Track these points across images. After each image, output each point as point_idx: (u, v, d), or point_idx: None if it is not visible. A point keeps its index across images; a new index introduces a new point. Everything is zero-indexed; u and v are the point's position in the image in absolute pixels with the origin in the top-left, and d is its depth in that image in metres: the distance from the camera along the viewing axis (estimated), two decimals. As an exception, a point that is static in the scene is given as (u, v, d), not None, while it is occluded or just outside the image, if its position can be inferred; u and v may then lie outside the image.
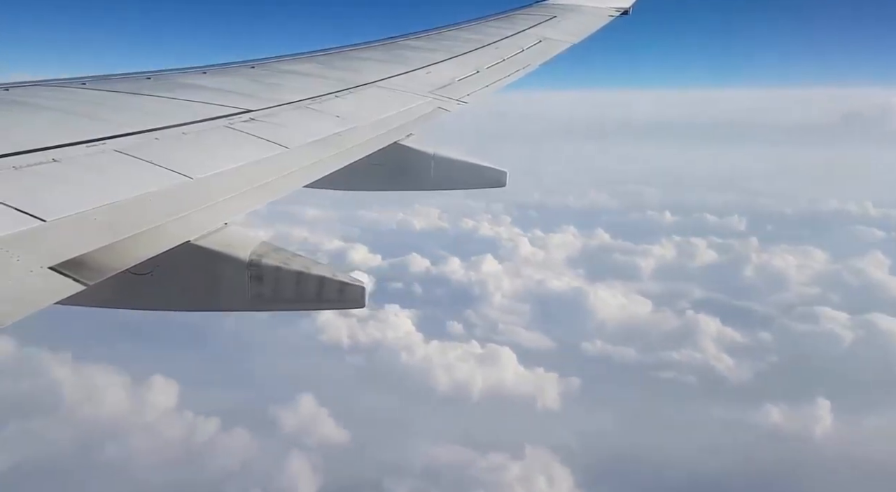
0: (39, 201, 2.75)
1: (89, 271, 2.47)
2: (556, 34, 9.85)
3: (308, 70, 6.68)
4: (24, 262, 2.36)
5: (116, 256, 2.65)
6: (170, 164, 3.56)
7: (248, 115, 4.78)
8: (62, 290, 2.33)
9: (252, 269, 3.30)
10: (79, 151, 3.42)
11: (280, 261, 3.37)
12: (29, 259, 2.38)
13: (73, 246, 2.54)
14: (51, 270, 2.38)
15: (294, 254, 3.48)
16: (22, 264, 2.35)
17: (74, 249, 2.52)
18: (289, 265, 3.37)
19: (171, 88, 5.21)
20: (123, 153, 3.57)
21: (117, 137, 3.76)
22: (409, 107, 6.10)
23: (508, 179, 6.08)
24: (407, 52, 8.14)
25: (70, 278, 2.39)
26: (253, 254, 3.33)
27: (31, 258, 2.39)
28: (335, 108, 5.53)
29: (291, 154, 4.31)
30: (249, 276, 3.32)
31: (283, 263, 3.37)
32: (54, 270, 2.38)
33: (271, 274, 3.33)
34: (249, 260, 3.30)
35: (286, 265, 3.36)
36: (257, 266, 3.31)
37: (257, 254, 3.34)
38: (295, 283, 3.37)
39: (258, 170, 3.94)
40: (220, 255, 3.24)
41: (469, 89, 7.04)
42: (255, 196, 3.65)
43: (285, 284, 3.37)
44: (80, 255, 2.51)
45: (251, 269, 3.30)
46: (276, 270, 3.34)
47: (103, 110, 4.38)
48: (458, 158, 6.03)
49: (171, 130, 4.13)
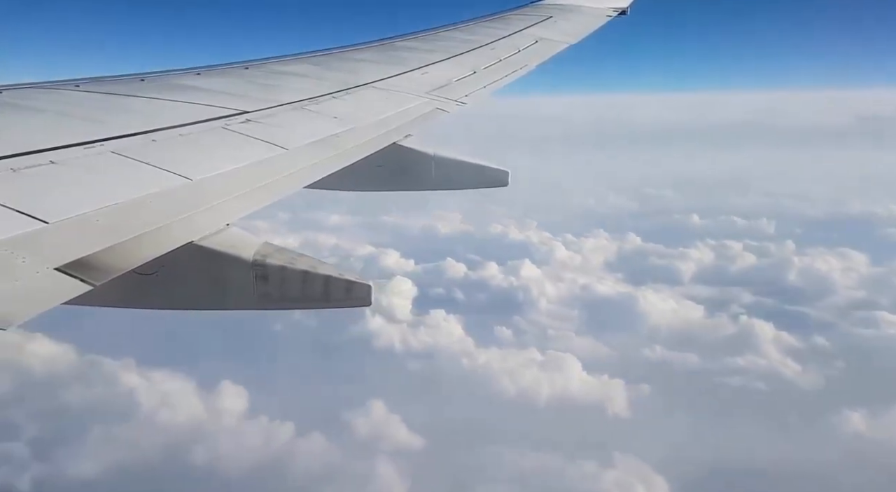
0: (40, 203, 2.74)
1: (95, 272, 2.47)
2: (553, 35, 9.84)
3: (304, 71, 6.65)
4: (30, 263, 2.35)
5: (121, 257, 2.64)
6: (168, 165, 3.54)
7: (244, 117, 4.75)
8: (70, 290, 2.34)
9: (257, 268, 3.29)
10: (76, 153, 3.39)
11: (285, 260, 3.36)
12: (35, 260, 2.37)
13: (76, 247, 2.53)
14: (57, 271, 2.38)
15: (299, 253, 3.47)
16: (28, 266, 2.34)
17: (79, 251, 2.51)
18: (294, 265, 3.35)
19: (165, 90, 5.17)
20: (121, 155, 3.54)
21: (115, 138, 3.73)
22: (406, 107, 6.08)
23: (511, 179, 6.08)
24: (403, 52, 8.12)
25: (77, 279, 2.39)
26: (257, 254, 3.31)
27: (37, 260, 2.38)
28: (332, 109, 5.50)
29: (290, 155, 4.28)
30: (255, 275, 3.30)
31: (288, 262, 3.35)
32: (61, 271, 2.38)
33: (277, 273, 3.32)
34: (254, 260, 3.28)
35: (292, 265, 3.35)
36: (262, 266, 3.29)
37: (261, 254, 3.32)
38: (301, 282, 3.36)
39: (257, 171, 3.92)
40: (225, 255, 3.22)
41: (466, 90, 7.02)
42: (256, 197, 3.63)
43: (291, 283, 3.35)
44: (86, 256, 2.51)
45: (256, 268, 3.29)
46: (282, 269, 3.32)
47: (99, 112, 4.35)
48: (459, 158, 6.01)
49: (168, 132, 4.10)
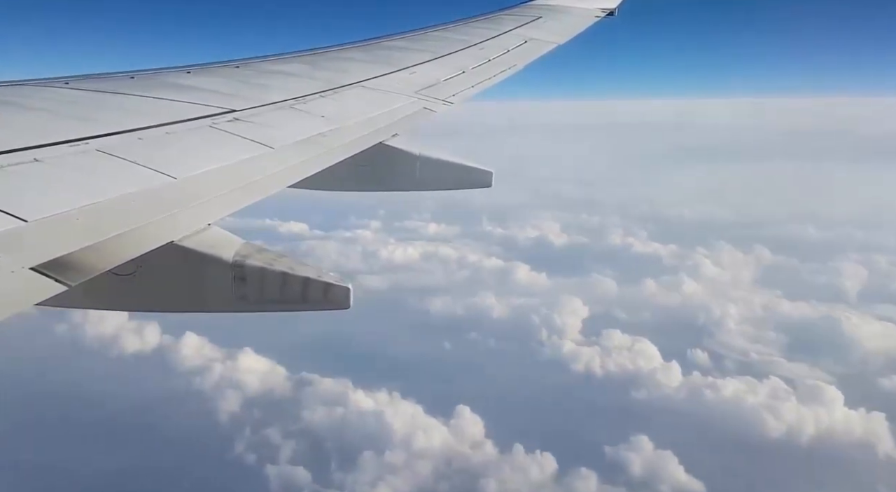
0: (21, 201, 2.73)
1: (72, 272, 2.46)
2: (542, 35, 9.89)
3: (293, 70, 6.67)
4: (5, 262, 2.33)
5: (99, 257, 2.63)
6: (153, 164, 3.54)
7: (232, 115, 4.77)
8: (44, 291, 2.32)
9: (236, 269, 3.30)
10: (61, 151, 3.39)
11: (264, 262, 3.36)
12: (10, 260, 2.35)
13: (55, 246, 2.52)
14: (32, 270, 2.36)
15: (279, 254, 3.48)
16: (3, 265, 2.32)
17: (57, 250, 2.50)
18: (273, 266, 3.36)
19: (154, 88, 5.19)
20: (106, 153, 3.54)
21: (100, 136, 3.73)
22: (393, 107, 6.11)
23: (494, 180, 6.11)
24: (392, 52, 8.15)
25: (52, 279, 2.37)
26: (237, 255, 3.32)
27: (13, 259, 2.36)
28: (320, 108, 5.52)
29: (276, 154, 4.30)
30: (233, 276, 3.31)
31: (267, 263, 3.36)
32: (36, 271, 2.36)
33: (256, 275, 3.33)
34: (234, 261, 3.30)
35: (270, 266, 3.36)
36: (241, 267, 3.31)
37: (241, 255, 3.33)
38: (280, 283, 3.37)
39: (242, 170, 3.93)
40: (204, 255, 3.23)
41: (454, 90, 7.06)
42: (240, 196, 3.64)
43: (270, 285, 3.36)
44: (63, 255, 2.49)
45: (235, 269, 3.30)
46: (261, 270, 3.33)
47: (86, 110, 4.35)
48: (443, 158, 6.04)
49: (154, 130, 4.10)
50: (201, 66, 6.32)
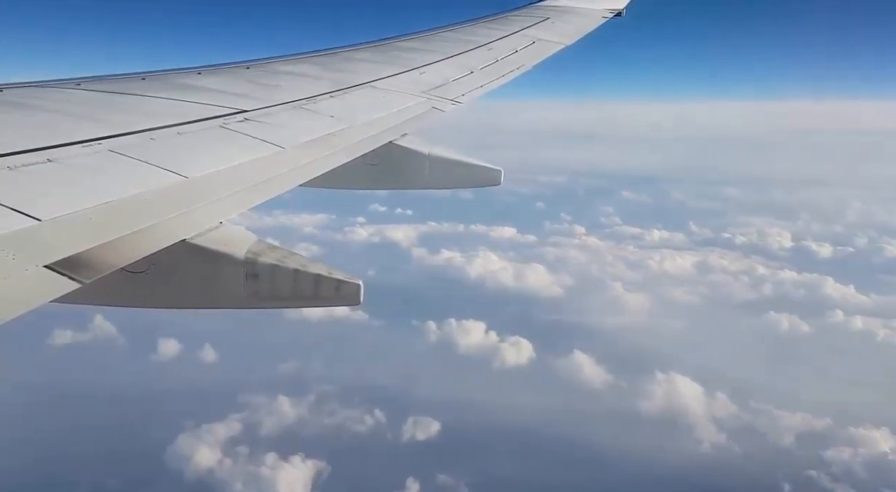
0: (35, 201, 2.75)
1: (85, 270, 2.48)
2: (550, 35, 9.88)
3: (303, 71, 6.70)
4: (19, 260, 2.35)
5: (112, 255, 2.65)
6: (165, 163, 3.57)
7: (242, 116, 4.79)
8: (58, 288, 2.34)
9: (248, 266, 3.32)
10: (74, 151, 3.42)
11: (276, 259, 3.38)
12: (25, 258, 2.38)
13: (68, 245, 2.54)
14: (46, 268, 2.38)
15: (290, 252, 3.50)
16: (18, 263, 2.34)
17: (70, 248, 2.52)
18: (285, 263, 3.38)
19: (166, 89, 5.22)
20: (119, 153, 3.57)
21: (113, 137, 3.76)
22: (403, 107, 6.12)
23: (503, 178, 6.12)
24: (401, 52, 8.16)
25: (66, 277, 2.39)
26: (249, 252, 3.34)
27: (27, 257, 2.39)
28: (330, 108, 5.54)
29: (286, 154, 4.32)
30: (245, 273, 3.33)
31: (279, 260, 3.38)
32: (50, 269, 2.38)
33: (267, 272, 3.35)
34: (245, 258, 3.32)
35: (282, 263, 3.38)
36: (253, 264, 3.33)
37: (253, 252, 3.35)
38: (292, 280, 3.38)
39: (253, 169, 3.95)
40: (216, 253, 3.25)
41: (463, 89, 7.07)
42: (251, 195, 3.67)
43: (282, 282, 3.38)
44: (76, 253, 2.51)
45: (247, 266, 3.32)
46: (273, 267, 3.35)
47: (98, 111, 4.38)
48: (452, 157, 6.05)
49: (166, 130, 4.13)
50: (212, 67, 6.35)
